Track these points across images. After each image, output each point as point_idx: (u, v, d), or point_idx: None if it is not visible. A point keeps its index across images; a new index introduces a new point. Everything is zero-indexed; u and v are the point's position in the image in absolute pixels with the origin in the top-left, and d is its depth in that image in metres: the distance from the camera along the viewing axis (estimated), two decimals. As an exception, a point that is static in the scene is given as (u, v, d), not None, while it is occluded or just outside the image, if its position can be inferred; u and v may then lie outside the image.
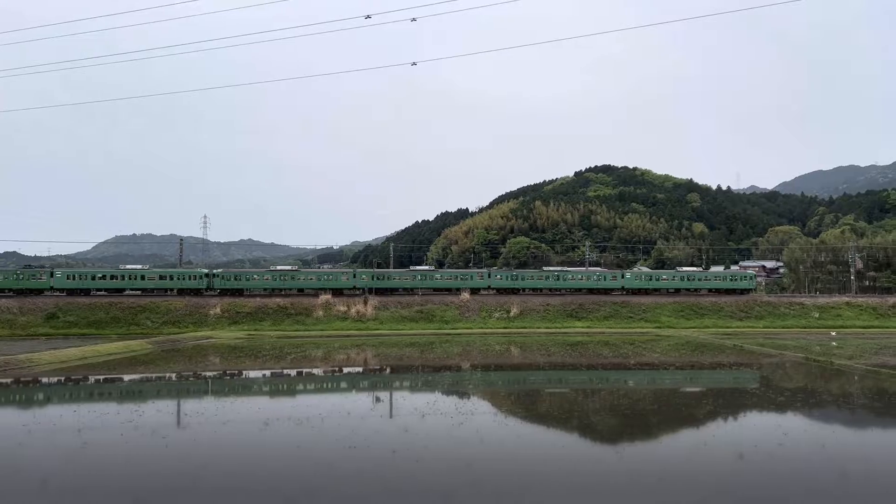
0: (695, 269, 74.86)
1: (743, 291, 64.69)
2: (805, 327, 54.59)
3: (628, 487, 10.87)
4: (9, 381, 23.49)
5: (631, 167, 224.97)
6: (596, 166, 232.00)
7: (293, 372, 27.87)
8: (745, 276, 67.91)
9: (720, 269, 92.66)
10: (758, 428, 16.01)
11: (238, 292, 61.42)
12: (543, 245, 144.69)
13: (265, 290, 62.58)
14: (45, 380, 24.14)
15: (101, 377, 25.60)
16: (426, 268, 71.96)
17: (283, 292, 62.66)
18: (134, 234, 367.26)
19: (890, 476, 11.75)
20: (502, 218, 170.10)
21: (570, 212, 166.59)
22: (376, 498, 10.30)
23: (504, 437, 14.43)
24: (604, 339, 44.87)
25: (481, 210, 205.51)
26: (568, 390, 23.25)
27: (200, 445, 13.66)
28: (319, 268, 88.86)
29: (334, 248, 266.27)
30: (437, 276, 65.57)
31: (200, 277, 60.94)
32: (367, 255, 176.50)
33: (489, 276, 65.31)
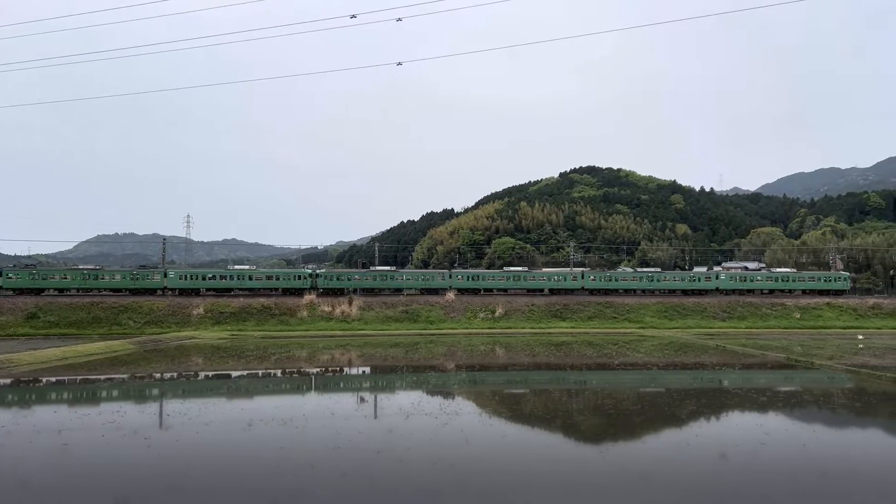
0: (788, 270, 75.00)
1: (837, 293, 65.34)
2: (787, 328, 55.14)
3: (612, 487, 10.92)
4: (-13, 381, 23.17)
5: (615, 168, 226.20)
6: (581, 167, 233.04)
7: (277, 372, 27.73)
8: (840, 277, 67.95)
9: (703, 269, 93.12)
10: (740, 428, 16.14)
11: (339, 292, 63.18)
12: (528, 246, 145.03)
13: (364, 289, 64.56)
14: (24, 380, 23.85)
15: (82, 378, 25.33)
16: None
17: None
18: (116, 234, 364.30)
19: (868, 475, 11.88)
20: (487, 218, 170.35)
21: (555, 212, 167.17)
22: (360, 499, 10.27)
23: (488, 437, 14.44)
24: (588, 339, 45.05)
25: (467, 210, 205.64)
26: (552, 390, 23.31)
27: (183, 446, 13.54)
28: (304, 267, 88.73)
29: (319, 248, 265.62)
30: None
31: (305, 277, 63.29)
32: (351, 256, 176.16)
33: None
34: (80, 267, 72.34)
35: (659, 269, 75.05)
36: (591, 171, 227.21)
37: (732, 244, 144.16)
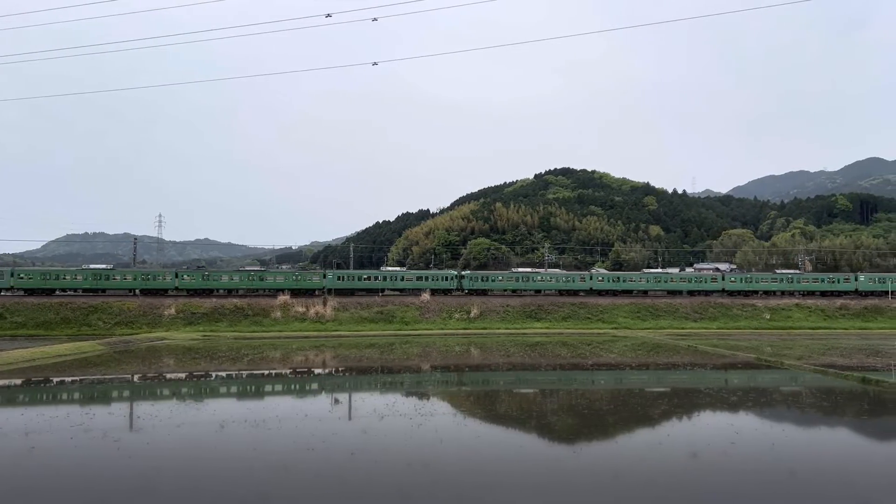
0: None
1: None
2: (757, 328, 55.97)
3: (585, 486, 10.99)
4: (-49, 383, 22.65)
5: (590, 170, 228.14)
6: (555, 169, 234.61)
7: (250, 373, 27.47)
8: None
9: (675, 270, 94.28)
10: (711, 427, 16.34)
11: (483, 292, 65.43)
12: (504, 247, 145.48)
13: (505, 290, 66.43)
14: (-10, 382, 23.33)
15: (51, 379, 24.87)
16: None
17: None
18: (86, 233, 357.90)
19: (835, 474, 12.11)
20: (463, 219, 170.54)
21: (530, 214, 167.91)
22: (334, 500, 10.23)
23: (463, 437, 14.46)
24: (562, 339, 45.31)
25: (442, 211, 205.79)
26: (527, 390, 23.40)
27: (154, 448, 13.36)
28: (278, 268, 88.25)
29: (293, 248, 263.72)
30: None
31: (452, 278, 65.86)
32: (326, 256, 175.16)
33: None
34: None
35: (799, 270, 76.04)
36: (566, 172, 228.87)
37: (704, 246, 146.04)
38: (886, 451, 14.54)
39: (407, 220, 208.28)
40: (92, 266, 67.61)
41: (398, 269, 73.13)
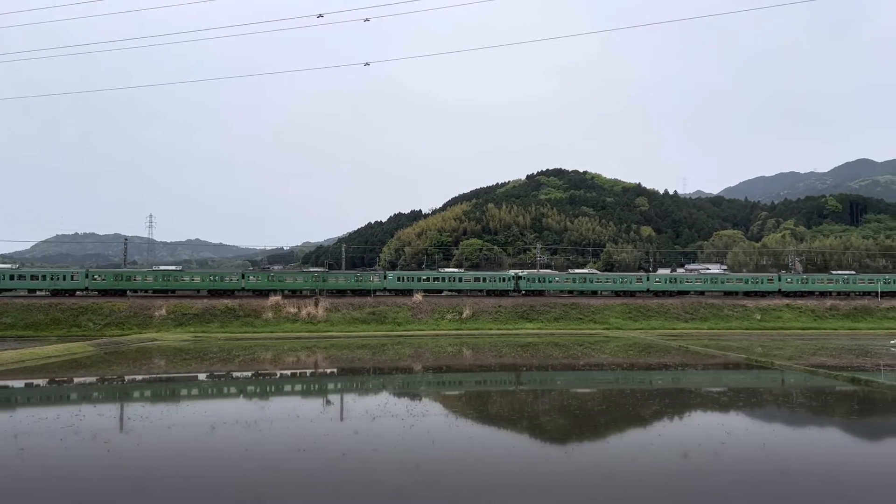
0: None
1: None
2: (748, 328, 56.25)
3: (577, 486, 11.01)
4: (-61, 385, 22.47)
5: (581, 171, 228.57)
6: (547, 170, 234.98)
7: (241, 375, 27.38)
8: None
9: (667, 271, 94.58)
10: (702, 427, 16.40)
11: (540, 293, 66.28)
12: (496, 247, 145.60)
13: (562, 291, 67.74)
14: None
15: (40, 381, 24.71)
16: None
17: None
18: (76, 234, 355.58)
19: (825, 473, 12.17)
20: (455, 220, 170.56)
21: (523, 214, 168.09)
22: (326, 500, 10.20)
23: (455, 438, 14.45)
24: (554, 340, 45.37)
25: (434, 212, 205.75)
26: (518, 391, 23.43)
27: (144, 450, 13.29)
28: (268, 268, 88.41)
29: (285, 248, 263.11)
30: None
31: (509, 280, 66.89)
32: (318, 256, 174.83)
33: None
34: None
35: (853, 272, 76.58)
36: (558, 173, 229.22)
37: (695, 246, 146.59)
38: (875, 451, 14.62)
39: (399, 221, 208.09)
40: (162, 267, 70.54)
41: (456, 270, 74.39)
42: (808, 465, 12.54)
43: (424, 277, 67.28)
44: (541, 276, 69.61)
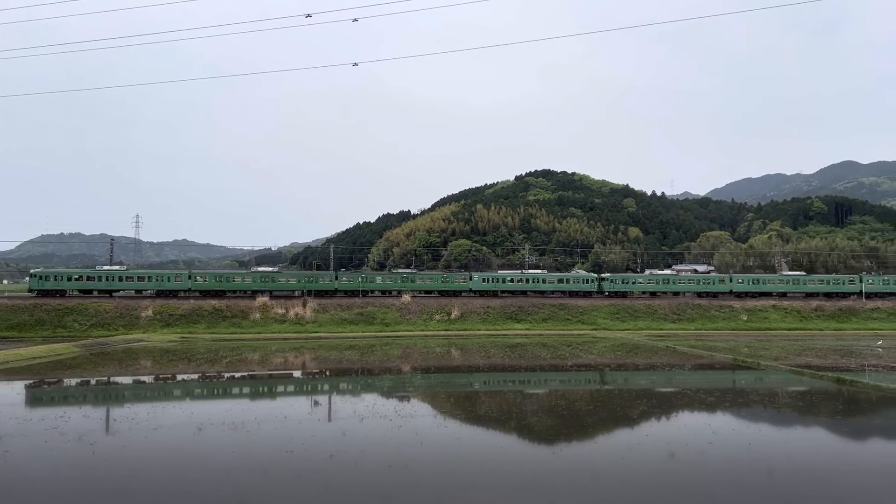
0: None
1: None
2: (734, 329, 56.57)
3: (564, 487, 11.03)
4: (-79, 386, 22.20)
5: (570, 172, 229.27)
6: (536, 171, 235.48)
7: (228, 376, 27.25)
8: None
9: (656, 272, 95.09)
10: (689, 427, 16.48)
11: (623, 295, 67.18)
12: (484, 248, 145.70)
13: (643, 292, 68.39)
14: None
15: (24, 382, 24.47)
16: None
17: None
18: (62, 234, 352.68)
19: (810, 473, 12.26)
20: (444, 220, 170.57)
21: (511, 215, 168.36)
22: (313, 502, 10.17)
23: (443, 438, 14.45)
24: (542, 340, 45.45)
25: (423, 212, 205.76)
26: (507, 391, 23.45)
27: (130, 451, 13.20)
28: (254, 269, 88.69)
29: (273, 248, 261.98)
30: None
31: (593, 281, 68.31)
32: (306, 257, 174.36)
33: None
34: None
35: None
36: (547, 174, 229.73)
37: (682, 247, 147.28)
38: (860, 451, 14.75)
39: (388, 222, 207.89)
40: (260, 268, 73.41)
41: (539, 272, 75.17)
42: (794, 465, 12.63)
43: (509, 279, 68.37)
44: (624, 278, 70.69)
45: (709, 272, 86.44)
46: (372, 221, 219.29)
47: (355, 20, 35.36)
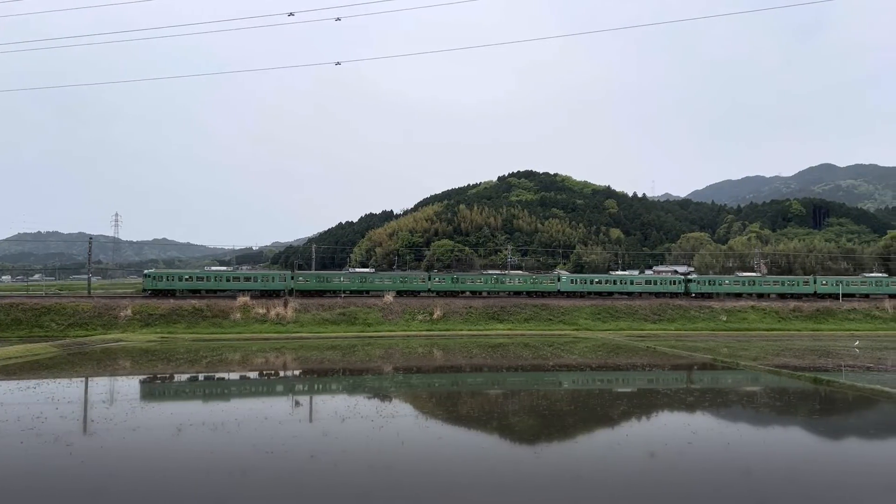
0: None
1: None
2: (714, 329, 57.05)
3: (545, 487, 11.06)
4: None
5: (552, 173, 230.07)
6: (518, 171, 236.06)
7: (208, 376, 27.04)
8: None
9: (634, 272, 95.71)
10: (668, 427, 16.61)
11: (709, 296, 67.70)
12: (467, 248, 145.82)
13: (728, 293, 68.49)
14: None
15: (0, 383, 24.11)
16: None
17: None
18: (39, 232, 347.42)
19: (788, 472, 12.40)
20: (427, 221, 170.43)
21: (494, 216, 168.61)
22: (293, 502, 10.12)
23: (424, 439, 14.44)
24: (524, 340, 45.57)
25: (406, 212, 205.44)
26: (488, 392, 23.48)
27: (108, 453, 13.05)
28: (237, 268, 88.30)
29: (254, 248, 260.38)
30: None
31: (679, 283, 69.55)
32: (288, 257, 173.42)
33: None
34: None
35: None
36: (529, 175, 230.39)
37: (663, 248, 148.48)
38: (836, 450, 14.95)
39: (370, 221, 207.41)
40: (358, 269, 76.90)
41: (628, 273, 77.03)
42: (771, 465, 12.77)
43: (597, 280, 69.56)
44: (710, 279, 71.52)
45: (688, 273, 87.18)
46: (354, 221, 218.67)
47: (338, 19, 35.30)
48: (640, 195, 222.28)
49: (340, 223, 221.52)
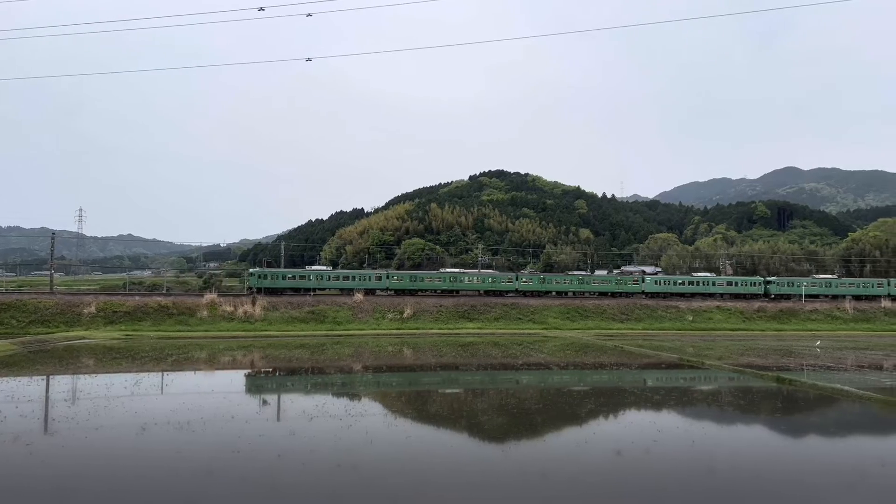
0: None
1: None
2: (680, 329, 57.91)
3: (513, 485, 11.11)
4: None
5: (523, 173, 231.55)
6: (490, 171, 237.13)
7: (174, 374, 26.63)
8: None
9: (604, 273, 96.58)
10: (635, 425, 16.80)
11: (787, 297, 70.41)
12: (438, 247, 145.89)
13: (807, 295, 70.41)
14: None
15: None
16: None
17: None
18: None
19: (750, 470, 12.61)
20: (398, 219, 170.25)
21: (465, 215, 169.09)
22: (259, 503, 10.02)
23: (393, 438, 14.40)
24: (494, 339, 45.72)
25: (377, 210, 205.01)
26: (458, 390, 23.51)
27: (69, 452, 12.78)
28: (205, 265, 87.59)
29: (222, 245, 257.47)
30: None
31: (759, 284, 72.08)
32: (256, 254, 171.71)
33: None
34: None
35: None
36: (500, 175, 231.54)
37: (631, 249, 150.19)
38: (798, 448, 15.25)
39: (340, 219, 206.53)
40: (448, 269, 78.37)
41: (708, 274, 78.19)
42: (735, 463, 12.98)
43: (680, 282, 71.53)
44: (789, 281, 73.12)
45: (656, 273, 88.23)
46: (325, 219, 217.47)
47: (309, 15, 34.96)
48: (609, 196, 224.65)
49: (311, 220, 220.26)
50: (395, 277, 67.24)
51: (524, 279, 69.15)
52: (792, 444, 15.66)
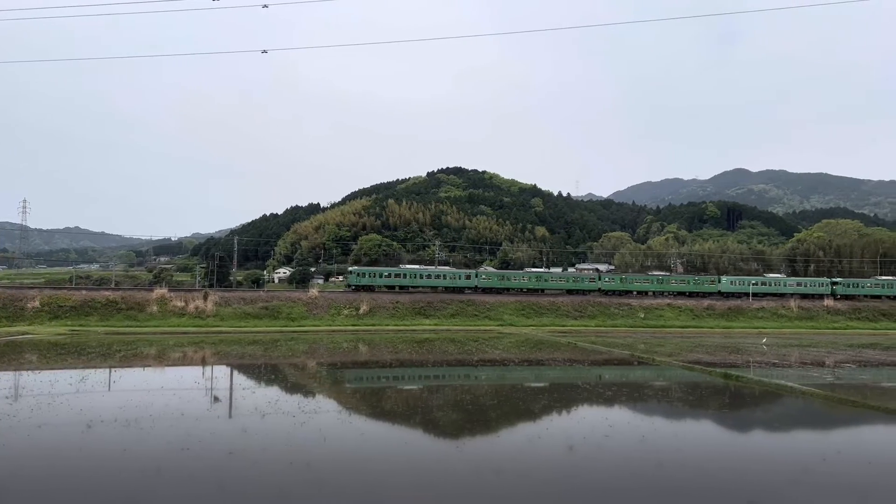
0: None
1: None
2: (632, 326, 58.93)
3: (468, 480, 11.15)
4: None
5: (480, 171, 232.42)
6: (448, 168, 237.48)
7: (122, 371, 25.97)
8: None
9: (558, 270, 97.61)
10: (587, 421, 17.02)
11: (853, 298, 71.48)
12: (395, 243, 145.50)
13: (870, 296, 72.41)
14: None
15: None
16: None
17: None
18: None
19: (698, 464, 12.91)
20: (355, 215, 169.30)
21: (422, 211, 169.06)
22: (208, 502, 9.84)
23: (347, 435, 14.30)
24: (450, 336, 45.83)
25: (333, 206, 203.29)
26: (413, 387, 23.49)
27: (10, 452, 12.35)
28: (155, 259, 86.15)
29: (173, 239, 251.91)
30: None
31: (826, 285, 72.94)
32: (208, 248, 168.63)
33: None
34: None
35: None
36: (458, 172, 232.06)
37: (586, 247, 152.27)
38: (744, 442, 15.67)
39: (296, 214, 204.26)
40: (533, 269, 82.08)
41: (778, 275, 79.71)
42: (683, 457, 13.26)
43: (754, 282, 72.91)
44: (854, 282, 74.26)
45: (609, 271, 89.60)
46: (279, 213, 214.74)
47: (265, 6, 34.40)
48: (565, 195, 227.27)
49: (265, 215, 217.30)
50: (484, 276, 68.85)
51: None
52: (737, 438, 16.08)
